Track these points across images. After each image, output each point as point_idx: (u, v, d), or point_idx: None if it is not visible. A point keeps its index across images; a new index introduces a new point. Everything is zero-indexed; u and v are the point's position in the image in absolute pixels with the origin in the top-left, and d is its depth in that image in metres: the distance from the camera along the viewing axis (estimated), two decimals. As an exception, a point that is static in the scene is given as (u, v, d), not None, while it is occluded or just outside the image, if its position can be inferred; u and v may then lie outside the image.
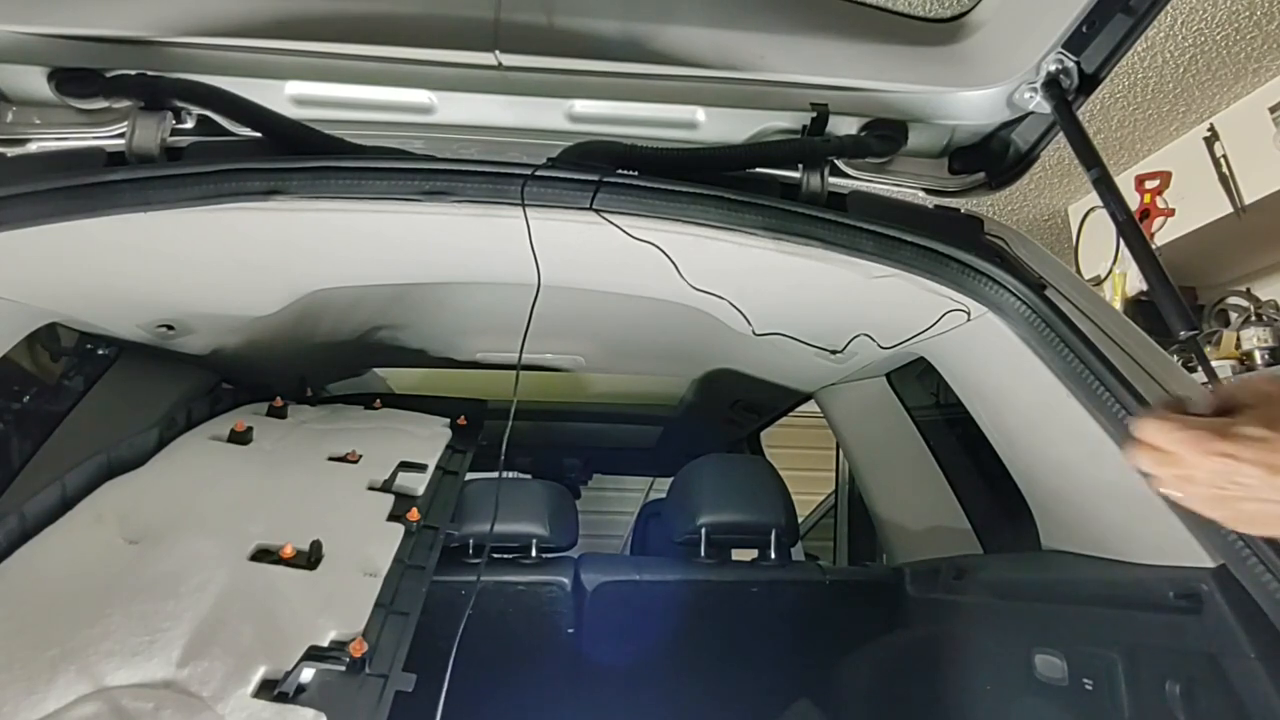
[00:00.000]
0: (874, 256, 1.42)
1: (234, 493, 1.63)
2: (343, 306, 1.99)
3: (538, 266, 1.45)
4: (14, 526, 1.37)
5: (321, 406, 2.29)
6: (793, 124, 1.54)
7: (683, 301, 1.76)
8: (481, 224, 1.42)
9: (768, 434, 3.57)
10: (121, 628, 1.20)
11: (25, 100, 1.45)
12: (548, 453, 3.65)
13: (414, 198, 1.35)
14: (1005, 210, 4.28)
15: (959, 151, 1.63)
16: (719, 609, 2.15)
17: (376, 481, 1.79)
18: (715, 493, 2.24)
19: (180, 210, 1.34)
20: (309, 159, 1.36)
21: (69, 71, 1.41)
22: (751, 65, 1.47)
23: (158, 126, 1.40)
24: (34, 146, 1.45)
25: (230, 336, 2.04)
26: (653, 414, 3.51)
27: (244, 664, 1.19)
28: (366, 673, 1.24)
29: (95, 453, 1.60)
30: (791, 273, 1.53)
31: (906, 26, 1.48)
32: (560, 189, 1.36)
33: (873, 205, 1.53)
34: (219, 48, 1.43)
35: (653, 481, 4.06)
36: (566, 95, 1.52)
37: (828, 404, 2.55)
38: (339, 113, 1.53)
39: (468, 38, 1.43)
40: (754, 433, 3.51)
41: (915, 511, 2.25)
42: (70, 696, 1.10)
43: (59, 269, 1.56)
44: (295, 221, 1.44)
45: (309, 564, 1.44)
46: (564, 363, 2.67)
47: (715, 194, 1.37)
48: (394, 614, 1.39)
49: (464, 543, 2.00)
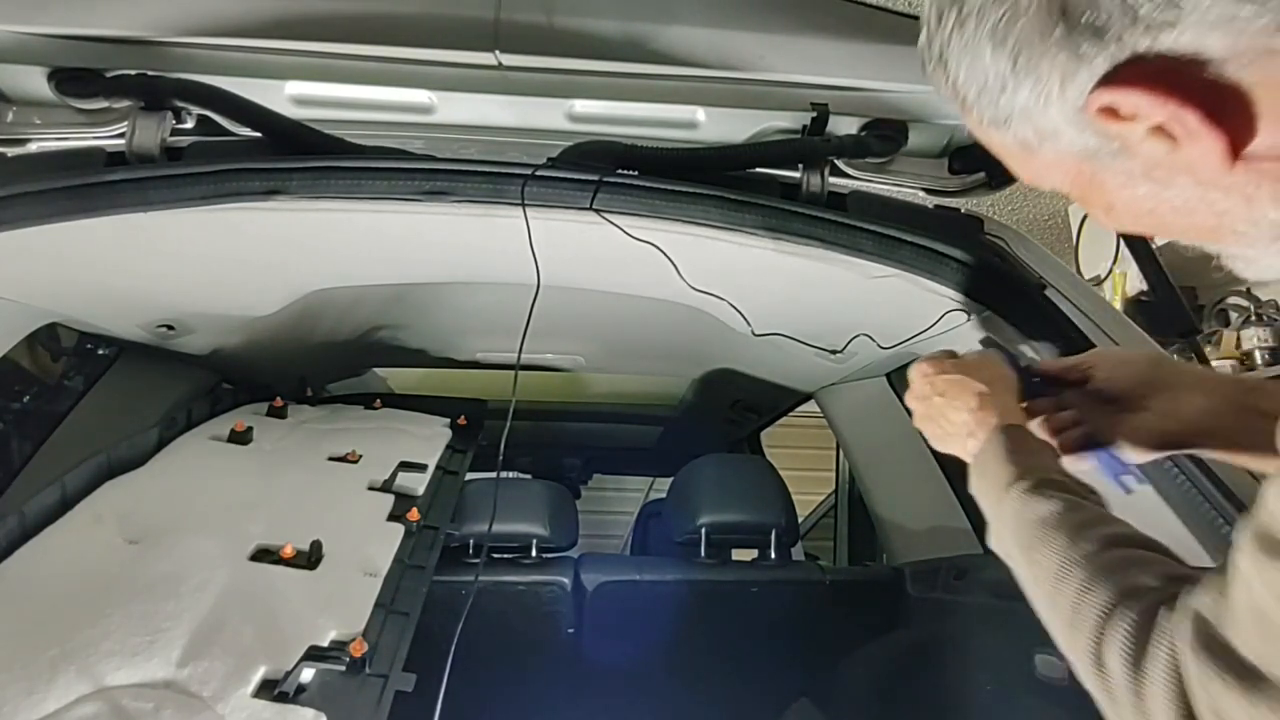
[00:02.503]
0: (874, 256, 1.42)
1: (234, 493, 1.63)
2: (343, 306, 1.99)
3: (537, 266, 1.45)
4: (14, 526, 1.37)
5: (321, 406, 2.29)
6: (793, 124, 1.54)
7: (683, 301, 1.76)
8: (481, 224, 1.42)
9: (768, 434, 3.57)
10: (121, 628, 1.20)
11: (25, 100, 1.45)
12: (548, 453, 3.65)
13: (414, 198, 1.35)
14: (1005, 210, 4.28)
15: (959, 151, 1.63)
16: (719, 609, 2.15)
17: (376, 481, 1.79)
18: (715, 493, 2.24)
19: (180, 210, 1.34)
20: (309, 159, 1.36)
21: (69, 71, 1.41)
22: (751, 65, 1.47)
23: (158, 126, 1.40)
24: (34, 146, 1.45)
25: (230, 336, 2.04)
26: (653, 414, 3.51)
27: (244, 664, 1.19)
28: (366, 673, 1.24)
29: (95, 453, 1.60)
30: (791, 273, 1.53)
31: (906, 26, 1.48)
32: (560, 189, 1.36)
33: (873, 205, 1.53)
34: (219, 48, 1.43)
35: (653, 481, 4.06)
36: (566, 95, 1.52)
37: (828, 404, 2.55)
38: (339, 113, 1.53)
39: (468, 38, 1.43)
40: (754, 433, 3.51)
41: (915, 511, 2.25)
42: (70, 696, 1.10)
43: (59, 269, 1.56)
44: (295, 221, 1.44)
45: (309, 564, 1.44)
46: (564, 363, 2.67)
47: (715, 194, 1.37)
48: (394, 614, 1.39)
49: (464, 543, 2.00)
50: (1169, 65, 0.50)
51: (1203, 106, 0.49)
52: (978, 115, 0.60)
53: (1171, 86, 0.50)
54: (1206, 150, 0.51)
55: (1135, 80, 0.51)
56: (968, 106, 0.60)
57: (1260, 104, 0.49)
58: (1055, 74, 0.54)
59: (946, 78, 0.59)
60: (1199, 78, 0.49)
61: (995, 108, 0.58)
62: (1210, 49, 0.48)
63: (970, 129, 0.62)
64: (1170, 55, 0.49)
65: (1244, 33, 0.47)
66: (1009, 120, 0.58)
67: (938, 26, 0.58)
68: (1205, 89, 0.49)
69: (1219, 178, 0.53)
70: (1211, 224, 0.57)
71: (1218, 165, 0.51)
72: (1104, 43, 0.51)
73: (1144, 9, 0.49)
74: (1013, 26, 0.53)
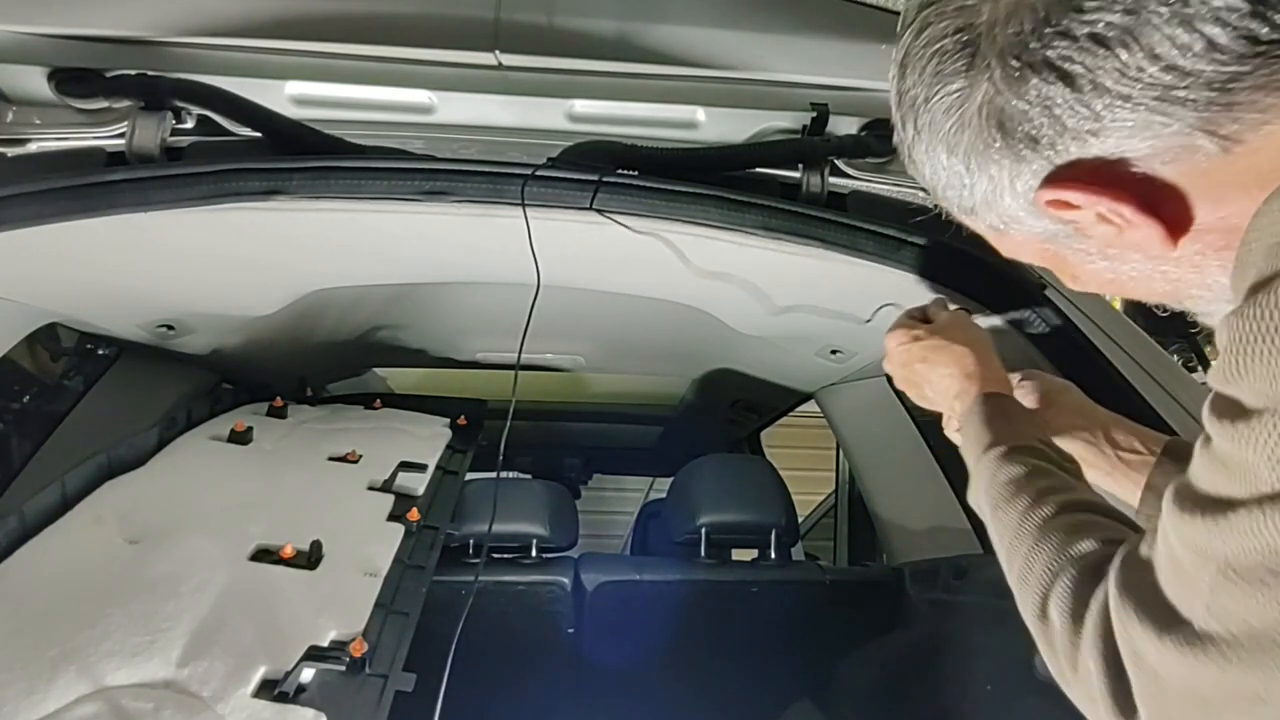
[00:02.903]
0: (874, 256, 1.42)
1: (234, 493, 1.63)
2: (343, 306, 1.99)
3: (537, 266, 1.45)
4: (14, 526, 1.37)
5: (321, 406, 2.29)
6: (793, 124, 1.54)
7: (683, 301, 1.76)
8: (481, 224, 1.42)
9: (768, 434, 3.57)
10: (121, 628, 1.20)
11: (25, 100, 1.45)
12: (548, 453, 3.65)
13: (414, 198, 1.35)
14: (1005, 210, 4.28)
15: (959, 151, 1.63)
16: (719, 609, 2.15)
17: (376, 481, 1.79)
18: (715, 493, 2.24)
19: (180, 210, 1.34)
20: (309, 159, 1.36)
21: (69, 71, 1.41)
22: (751, 65, 1.48)
23: (158, 126, 1.40)
24: (34, 146, 1.45)
25: (230, 336, 2.04)
26: (653, 414, 3.51)
27: (244, 664, 1.19)
28: (366, 673, 1.24)
29: (95, 453, 1.60)
30: (791, 272, 1.53)
31: (907, 26, 1.48)
32: (560, 189, 1.35)
33: (873, 205, 1.53)
34: (219, 48, 1.43)
35: (653, 481, 4.06)
36: (566, 95, 1.52)
37: (828, 404, 2.55)
38: (339, 113, 1.53)
39: (468, 38, 1.43)
40: (754, 433, 3.51)
41: (915, 511, 2.25)
42: (70, 696, 1.10)
43: (59, 269, 1.56)
44: (295, 221, 1.44)
45: (309, 564, 1.44)
46: (564, 363, 2.67)
47: (715, 194, 1.37)
48: (394, 614, 1.39)
49: (464, 543, 2.00)
50: (1101, 165, 0.56)
51: (1136, 199, 0.56)
52: (950, 204, 0.67)
53: (1105, 183, 0.56)
54: (1147, 234, 0.57)
55: (1073, 179, 0.57)
56: (941, 197, 0.67)
57: (1189, 192, 0.56)
58: (1004, 174, 0.60)
59: (919, 173, 0.67)
60: (1129, 174, 0.56)
61: (961, 200, 0.65)
62: (1134, 151, 0.55)
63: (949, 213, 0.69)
64: (1100, 158, 0.56)
65: (1160, 136, 0.54)
66: (974, 209, 0.65)
67: (902, 132, 0.65)
68: (1137, 183, 0.56)
69: (1165, 254, 0.59)
70: (1168, 290, 0.64)
71: (1160, 246, 0.58)
72: (1039, 150, 0.57)
73: (1070, 121, 0.55)
74: (960, 136, 0.60)
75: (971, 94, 0.59)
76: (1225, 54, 0.50)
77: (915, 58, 0.61)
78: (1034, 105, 0.56)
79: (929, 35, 0.60)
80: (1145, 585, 0.55)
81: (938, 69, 0.60)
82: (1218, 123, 0.52)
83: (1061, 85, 0.54)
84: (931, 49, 0.60)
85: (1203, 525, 0.50)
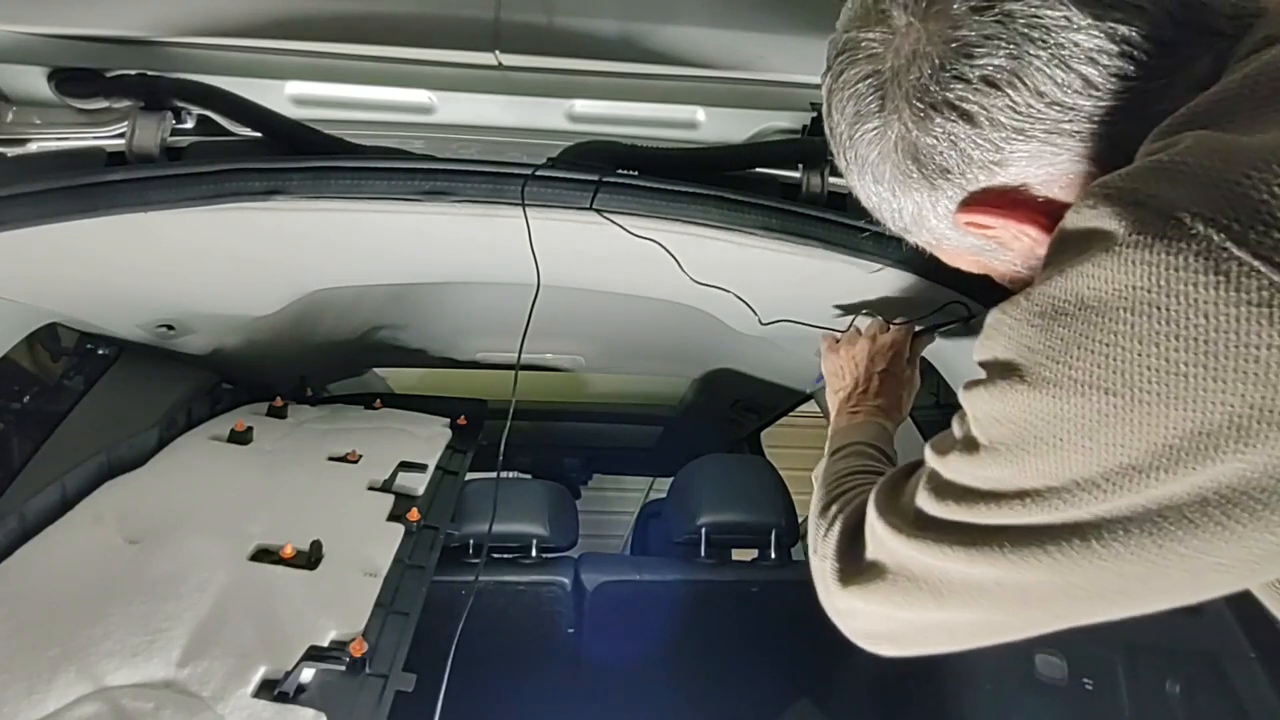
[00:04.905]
0: (874, 256, 1.42)
1: (234, 493, 1.63)
2: (343, 306, 1.99)
3: (537, 266, 1.45)
4: (14, 526, 1.37)
5: (321, 406, 2.29)
6: (793, 124, 1.54)
7: (683, 301, 1.76)
8: (481, 224, 1.42)
9: (768, 434, 3.57)
10: (121, 628, 1.20)
11: (25, 100, 1.44)
12: (548, 453, 3.65)
13: (414, 198, 1.35)
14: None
15: (959, 151, 1.63)
16: (719, 609, 2.15)
17: (376, 481, 1.79)
18: (715, 493, 2.24)
19: (180, 210, 1.34)
20: (309, 159, 1.36)
21: (69, 71, 1.41)
22: (751, 65, 1.47)
23: (158, 126, 1.39)
24: (34, 146, 1.45)
25: (230, 336, 2.04)
26: (653, 414, 3.51)
27: (244, 664, 1.19)
28: (366, 673, 1.24)
29: (95, 453, 1.60)
30: (791, 272, 1.53)
31: (906, 26, 1.48)
32: (560, 189, 1.35)
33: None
34: (219, 48, 1.43)
35: (653, 481, 4.06)
36: (566, 95, 1.52)
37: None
38: (339, 113, 1.53)
39: (468, 38, 1.43)
40: (754, 433, 3.51)
41: (915, 511, 2.25)
42: (70, 696, 1.10)
43: (59, 269, 1.56)
44: (295, 221, 1.44)
45: (309, 564, 1.44)
46: (564, 363, 2.67)
47: (715, 194, 1.37)
48: (394, 614, 1.39)
49: (464, 543, 2.00)
50: (1008, 191, 0.63)
51: (1039, 221, 0.64)
52: (888, 224, 0.74)
53: (1012, 207, 0.64)
54: None
55: (985, 203, 0.65)
56: (880, 217, 0.74)
57: None
58: (925, 199, 0.68)
59: (859, 197, 0.75)
60: (1032, 198, 0.63)
61: (894, 220, 0.73)
62: (1034, 177, 0.62)
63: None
64: (1006, 185, 0.63)
65: (1054, 164, 0.61)
66: (907, 229, 0.73)
67: (840, 161, 0.73)
68: (1039, 206, 0.63)
69: None
70: None
71: None
72: (951, 179, 0.64)
73: (975, 154, 0.62)
74: (884, 168, 0.68)
75: (885, 131, 0.65)
76: (1099, 90, 0.57)
77: (836, 98, 0.68)
78: (941, 141, 0.62)
79: (844, 79, 0.67)
80: (894, 488, 0.73)
81: (856, 109, 0.67)
82: (1102, 151, 0.59)
83: (963, 123, 0.61)
84: (847, 91, 0.67)
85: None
